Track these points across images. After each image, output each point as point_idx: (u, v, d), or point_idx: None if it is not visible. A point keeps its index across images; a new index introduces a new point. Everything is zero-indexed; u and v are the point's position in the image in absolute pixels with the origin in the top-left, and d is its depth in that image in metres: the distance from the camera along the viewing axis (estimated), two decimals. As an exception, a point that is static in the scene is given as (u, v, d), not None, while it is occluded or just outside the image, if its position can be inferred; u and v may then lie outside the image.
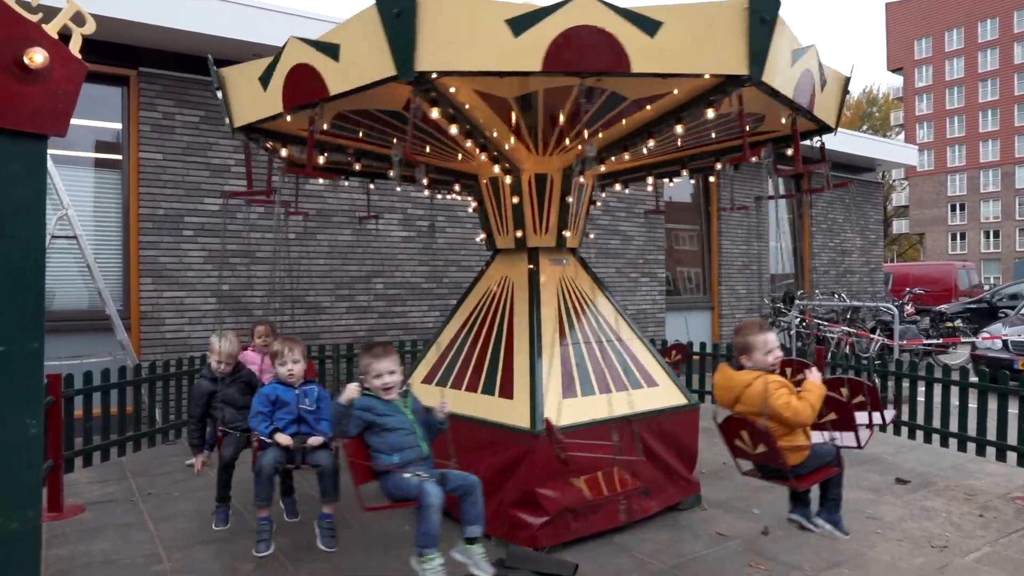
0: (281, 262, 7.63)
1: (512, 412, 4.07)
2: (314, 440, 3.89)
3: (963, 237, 61.41)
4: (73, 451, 5.12)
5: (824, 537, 4.12)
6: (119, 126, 7.19)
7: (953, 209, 62.37)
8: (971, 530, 4.27)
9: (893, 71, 67.61)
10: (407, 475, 3.24)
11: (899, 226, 65.88)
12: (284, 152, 4.63)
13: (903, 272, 20.87)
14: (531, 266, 4.61)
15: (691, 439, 4.63)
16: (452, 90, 3.46)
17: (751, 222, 12.44)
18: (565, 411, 4.07)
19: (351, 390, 3.33)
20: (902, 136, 62.41)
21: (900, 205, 66.38)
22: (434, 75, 3.09)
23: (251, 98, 3.89)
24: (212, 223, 7.35)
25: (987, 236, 59.93)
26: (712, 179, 5.89)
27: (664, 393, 4.55)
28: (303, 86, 3.45)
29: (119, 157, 7.19)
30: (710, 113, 3.60)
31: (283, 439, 3.83)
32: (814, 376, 3.61)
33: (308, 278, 7.91)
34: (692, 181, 11.15)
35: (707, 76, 3.20)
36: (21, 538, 1.81)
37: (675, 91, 3.58)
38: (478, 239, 5.47)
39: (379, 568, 3.73)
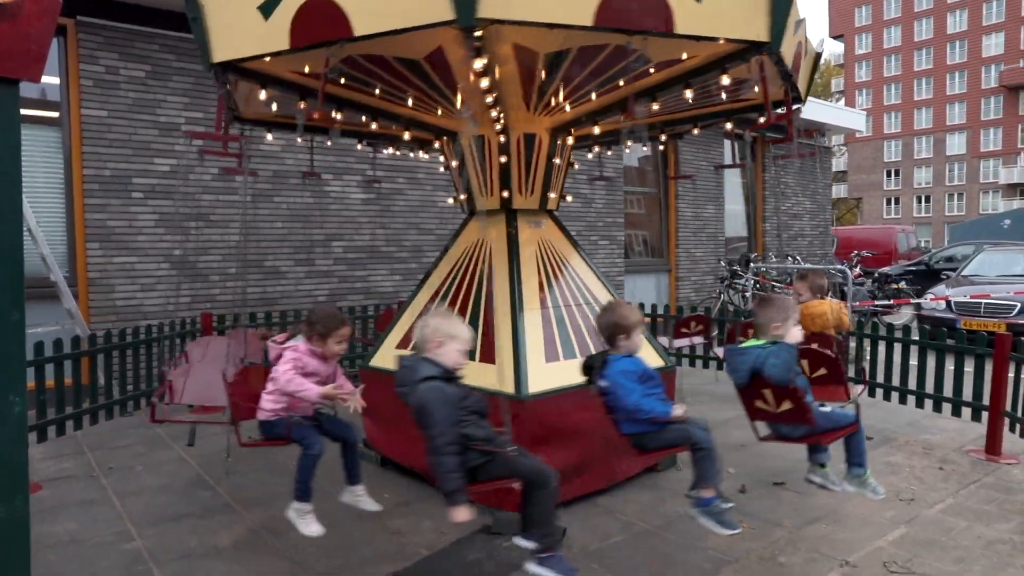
0: (238, 225, 7.32)
1: (495, 377, 4.00)
2: (682, 412, 3.14)
3: (897, 202, 63.64)
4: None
5: (800, 494, 4.22)
6: (56, 80, 6.70)
7: (889, 175, 64.47)
8: (933, 483, 4.45)
9: (835, 38, 68.84)
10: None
11: (837, 191, 67.78)
12: (263, 95, 4.06)
13: (846, 235, 21.51)
14: (510, 229, 4.51)
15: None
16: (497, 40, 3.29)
17: (707, 186, 12.55)
18: (549, 375, 4.03)
19: (797, 334, 3.29)
20: (842, 102, 63.82)
21: (839, 170, 68.21)
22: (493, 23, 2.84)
23: (245, 29, 3.30)
24: (163, 184, 6.98)
25: (919, 201, 62.24)
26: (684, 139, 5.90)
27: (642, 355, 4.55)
28: (320, 23, 3.03)
29: (57, 114, 6.72)
30: (725, 80, 3.63)
31: (683, 411, 3.11)
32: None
33: (266, 242, 7.62)
34: (644, 148, 11.14)
35: (722, 41, 3.23)
36: (9, 527, 1.66)
37: (687, 56, 3.66)
38: (450, 200, 5.32)
39: (373, 531, 3.66)
